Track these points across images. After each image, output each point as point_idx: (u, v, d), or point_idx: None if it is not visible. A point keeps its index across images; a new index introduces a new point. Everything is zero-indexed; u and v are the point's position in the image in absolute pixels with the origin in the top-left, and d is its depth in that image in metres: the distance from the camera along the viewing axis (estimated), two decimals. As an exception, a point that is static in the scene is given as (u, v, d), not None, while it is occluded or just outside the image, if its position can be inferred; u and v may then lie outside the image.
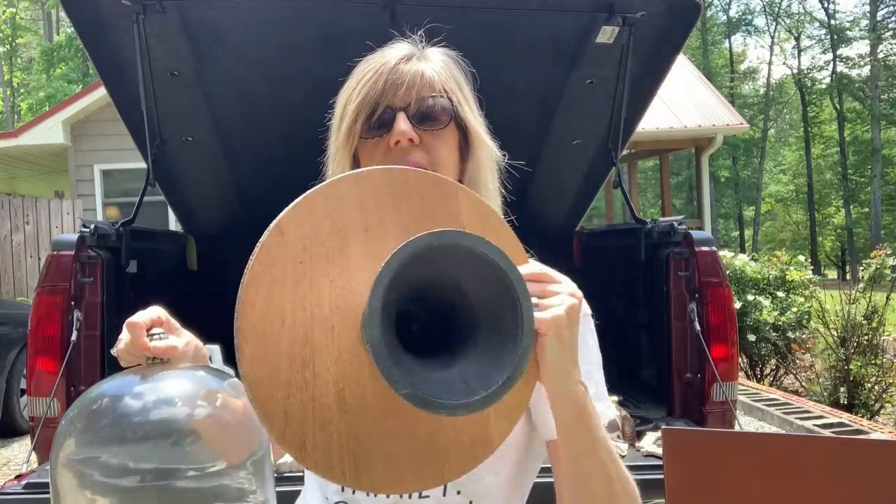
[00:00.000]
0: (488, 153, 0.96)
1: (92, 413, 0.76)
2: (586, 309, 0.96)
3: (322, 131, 0.98)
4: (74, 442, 0.76)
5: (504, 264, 0.66)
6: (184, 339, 0.88)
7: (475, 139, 0.95)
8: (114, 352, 0.86)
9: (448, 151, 0.93)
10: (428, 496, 0.91)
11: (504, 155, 0.99)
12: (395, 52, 0.93)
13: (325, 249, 0.69)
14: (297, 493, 1.03)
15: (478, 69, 1.00)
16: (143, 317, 0.84)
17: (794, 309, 6.64)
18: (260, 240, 0.68)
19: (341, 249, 0.69)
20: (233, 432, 0.78)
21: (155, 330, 0.83)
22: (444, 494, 0.90)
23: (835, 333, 5.84)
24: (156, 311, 0.86)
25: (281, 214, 0.68)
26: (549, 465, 0.90)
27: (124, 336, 0.84)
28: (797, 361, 6.71)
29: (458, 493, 0.91)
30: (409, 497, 0.91)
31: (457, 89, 0.94)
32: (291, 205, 0.69)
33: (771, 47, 35.10)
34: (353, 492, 0.92)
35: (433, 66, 0.93)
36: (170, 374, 0.79)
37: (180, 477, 0.74)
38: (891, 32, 30.30)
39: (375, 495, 0.92)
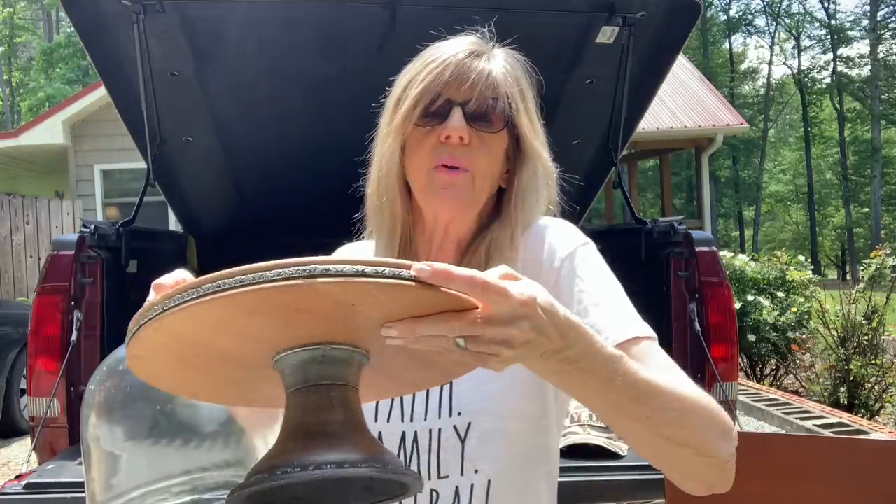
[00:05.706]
0: (542, 164, 0.98)
1: (119, 372, 0.80)
2: (583, 239, 1.00)
3: (322, 131, 0.99)
4: (103, 400, 0.79)
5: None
6: None
7: (528, 148, 0.96)
8: None
9: (491, 161, 0.94)
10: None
11: (559, 167, 1.00)
12: (464, 46, 0.94)
13: None
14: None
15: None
16: (169, 279, 0.83)
17: (794, 309, 6.63)
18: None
19: None
20: None
21: None
22: (450, 415, 0.92)
23: (835, 333, 5.84)
24: (181, 274, 0.86)
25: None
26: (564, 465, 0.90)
27: (150, 298, 0.84)
28: (797, 361, 6.71)
29: (459, 413, 0.92)
30: (412, 421, 0.94)
31: (518, 96, 0.94)
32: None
33: (771, 47, 35.12)
34: None
35: (500, 68, 0.93)
36: None
37: (203, 433, 0.77)
38: (891, 32, 30.31)
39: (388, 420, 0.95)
